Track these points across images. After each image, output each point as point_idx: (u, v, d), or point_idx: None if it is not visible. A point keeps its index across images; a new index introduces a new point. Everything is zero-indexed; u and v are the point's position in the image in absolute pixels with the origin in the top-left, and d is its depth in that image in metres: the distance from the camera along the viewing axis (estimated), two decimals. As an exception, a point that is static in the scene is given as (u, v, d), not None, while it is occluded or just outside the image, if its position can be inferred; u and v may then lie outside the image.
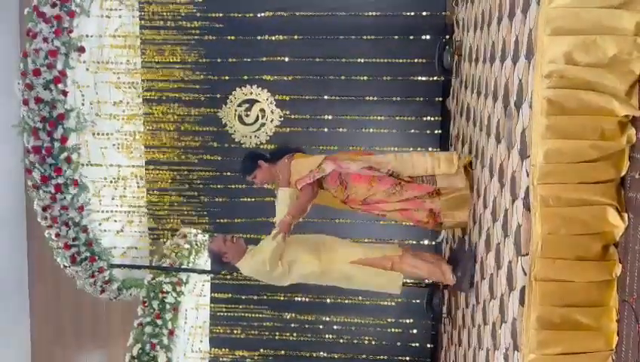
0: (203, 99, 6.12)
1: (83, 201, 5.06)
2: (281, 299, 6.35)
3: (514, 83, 3.15)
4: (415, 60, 5.87)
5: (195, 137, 6.18)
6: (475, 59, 4.37)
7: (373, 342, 6.38)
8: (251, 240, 4.89)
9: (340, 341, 6.40)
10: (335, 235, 4.47)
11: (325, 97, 6.04)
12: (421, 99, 5.95)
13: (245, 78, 6.09)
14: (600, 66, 2.63)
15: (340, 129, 6.02)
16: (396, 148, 5.71)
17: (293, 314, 6.40)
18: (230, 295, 6.42)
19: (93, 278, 5.37)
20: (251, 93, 6.12)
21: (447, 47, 5.45)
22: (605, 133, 2.64)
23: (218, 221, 6.19)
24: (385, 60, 5.92)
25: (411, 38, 5.85)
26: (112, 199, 5.72)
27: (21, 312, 7.32)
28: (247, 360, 6.55)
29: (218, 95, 6.14)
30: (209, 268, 6.10)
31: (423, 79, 5.91)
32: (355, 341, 6.39)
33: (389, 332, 6.33)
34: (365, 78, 5.96)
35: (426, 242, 5.96)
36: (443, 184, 4.16)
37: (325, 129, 6.04)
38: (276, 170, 4.28)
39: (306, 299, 6.34)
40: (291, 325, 6.42)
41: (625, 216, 2.64)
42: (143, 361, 5.03)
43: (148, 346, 5.10)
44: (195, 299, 5.95)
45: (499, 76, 3.51)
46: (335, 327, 6.38)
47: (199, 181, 6.24)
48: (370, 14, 5.88)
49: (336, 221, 5.82)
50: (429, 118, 5.92)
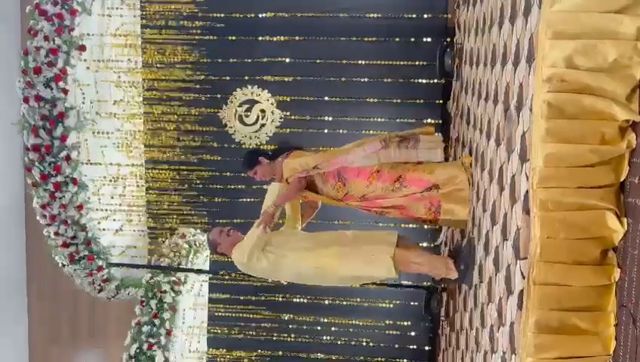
0: (203, 99, 6.13)
1: (82, 200, 5.04)
2: (280, 299, 6.36)
3: (514, 86, 3.15)
4: (416, 63, 5.88)
5: (195, 137, 6.19)
6: (476, 62, 4.37)
7: (371, 344, 6.37)
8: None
9: (338, 342, 6.40)
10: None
11: (326, 98, 6.04)
12: (421, 101, 5.95)
13: (246, 78, 6.10)
14: (600, 71, 2.64)
15: (340, 130, 6.01)
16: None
17: (291, 315, 6.39)
18: (228, 295, 6.42)
19: (91, 277, 5.36)
20: (252, 93, 6.13)
21: (448, 49, 5.46)
22: (605, 138, 2.64)
23: (217, 221, 6.17)
24: (386, 62, 5.93)
25: (412, 40, 5.86)
26: (112, 198, 5.72)
27: (19, 311, 7.31)
28: (245, 360, 6.54)
29: (219, 95, 6.14)
30: (207, 269, 6.11)
31: (423, 82, 5.91)
32: (353, 342, 6.38)
33: (386, 335, 6.33)
34: (366, 79, 5.97)
35: (425, 244, 5.95)
36: (425, 146, 4.19)
37: (325, 130, 6.04)
38: (275, 166, 4.33)
39: (305, 300, 6.34)
40: (289, 326, 6.42)
41: (624, 221, 2.64)
42: (140, 361, 5.03)
43: (145, 346, 5.09)
44: (193, 298, 5.94)
45: (499, 79, 3.51)
46: (333, 329, 6.37)
47: (199, 181, 6.25)
48: (372, 16, 5.89)
49: (337, 222, 5.81)
50: (429, 120, 5.92)
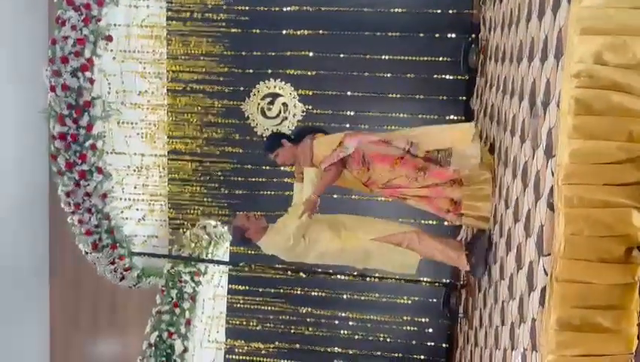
0: (227, 91, 6.16)
1: (106, 189, 5.09)
2: (298, 292, 6.38)
3: (541, 82, 3.13)
4: (440, 59, 5.86)
5: (218, 129, 6.23)
6: (502, 58, 4.35)
7: (388, 340, 6.38)
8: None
9: (355, 337, 6.41)
10: (353, 213, 4.57)
11: (348, 93, 6.04)
12: (445, 97, 5.93)
13: (269, 71, 6.12)
14: (629, 67, 2.61)
15: (362, 125, 6.01)
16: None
17: (309, 309, 6.41)
18: (247, 287, 6.45)
19: (113, 265, 5.41)
20: (275, 87, 6.15)
21: (472, 45, 5.43)
22: (633, 135, 2.62)
23: (238, 213, 6.21)
24: (409, 58, 5.91)
25: (437, 36, 5.84)
26: (135, 188, 5.76)
27: (41, 298, 7.41)
28: (263, 352, 6.58)
29: (242, 88, 6.18)
30: (227, 260, 6.15)
31: (447, 78, 5.89)
32: (371, 337, 6.39)
33: (404, 331, 6.33)
34: (389, 75, 5.96)
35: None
36: (457, 162, 4.11)
37: (347, 125, 6.02)
38: (298, 150, 4.35)
39: (323, 293, 6.35)
40: (307, 319, 6.43)
41: (650, 219, 2.61)
42: (160, 349, 5.07)
43: (165, 334, 5.13)
44: (213, 289, 5.99)
45: (526, 75, 3.49)
46: (351, 323, 6.39)
47: (220, 173, 6.29)
48: (397, 11, 5.87)
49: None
50: (452, 116, 5.90)
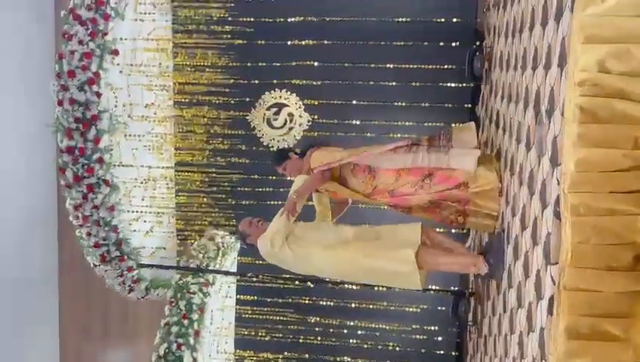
0: (233, 102, 6.19)
1: (114, 201, 5.12)
2: (306, 302, 6.38)
3: (546, 90, 3.13)
4: (445, 66, 5.86)
5: (224, 140, 6.25)
6: (506, 65, 4.35)
7: (397, 349, 6.36)
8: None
9: (364, 346, 6.39)
10: (356, 222, 4.56)
11: (354, 102, 6.06)
12: (450, 105, 5.94)
13: (275, 82, 6.14)
14: (633, 75, 2.61)
15: (368, 134, 6.03)
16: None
17: (317, 318, 6.41)
18: (255, 297, 6.46)
19: (122, 277, 5.44)
20: (280, 97, 6.17)
21: (477, 53, 5.43)
22: (638, 143, 2.61)
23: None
24: (414, 66, 5.92)
25: (441, 44, 5.84)
26: (142, 200, 5.79)
27: (51, 310, 7.44)
28: (272, 362, 6.58)
29: (247, 98, 6.20)
30: (235, 270, 6.16)
31: (452, 85, 5.89)
32: (380, 346, 6.37)
33: (413, 339, 6.31)
34: (394, 83, 5.97)
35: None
36: (457, 140, 4.23)
37: (353, 133, 6.05)
38: (303, 162, 4.45)
39: (331, 303, 6.34)
40: (316, 329, 6.43)
41: (657, 227, 2.61)
42: (169, 361, 5.09)
43: (174, 346, 5.14)
44: (221, 300, 6.00)
45: (530, 83, 3.49)
46: (359, 332, 6.38)
47: (227, 183, 6.31)
48: (401, 20, 5.89)
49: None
50: (457, 124, 5.87)
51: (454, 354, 6.23)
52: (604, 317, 2.66)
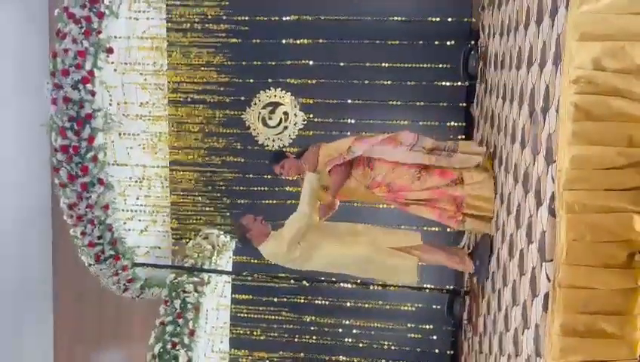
0: (227, 101, 6.17)
1: (108, 200, 5.10)
2: (302, 301, 6.37)
3: (540, 88, 3.14)
4: (439, 65, 5.85)
5: (219, 139, 6.23)
6: (501, 64, 4.36)
7: (392, 347, 6.35)
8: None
9: (360, 345, 6.38)
10: (356, 221, 4.62)
11: (349, 101, 6.05)
12: (445, 104, 5.93)
13: (270, 80, 6.13)
14: (628, 72, 2.62)
15: (363, 133, 5.99)
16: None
17: (312, 317, 6.40)
18: (251, 296, 6.44)
19: (116, 277, 5.41)
20: (275, 95, 6.16)
21: (472, 52, 5.44)
22: (633, 140, 2.62)
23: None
24: (409, 65, 5.91)
25: (436, 43, 5.83)
26: (137, 199, 5.76)
27: (44, 310, 7.41)
28: (267, 361, 6.56)
29: (242, 97, 6.17)
30: (230, 270, 6.14)
31: (447, 84, 5.89)
32: (375, 345, 6.36)
33: (408, 338, 6.30)
34: (389, 82, 5.95)
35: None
36: (460, 158, 4.24)
37: (348, 132, 6.00)
38: (303, 159, 4.48)
39: (326, 302, 6.34)
40: (311, 328, 6.41)
41: (652, 224, 2.61)
42: (164, 360, 5.07)
43: (169, 345, 5.12)
44: (216, 299, 5.98)
45: (525, 81, 3.49)
46: (355, 331, 6.36)
47: (222, 182, 6.29)
48: (396, 19, 5.88)
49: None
50: (452, 123, 5.90)
51: (449, 352, 6.23)
52: (599, 315, 2.67)
